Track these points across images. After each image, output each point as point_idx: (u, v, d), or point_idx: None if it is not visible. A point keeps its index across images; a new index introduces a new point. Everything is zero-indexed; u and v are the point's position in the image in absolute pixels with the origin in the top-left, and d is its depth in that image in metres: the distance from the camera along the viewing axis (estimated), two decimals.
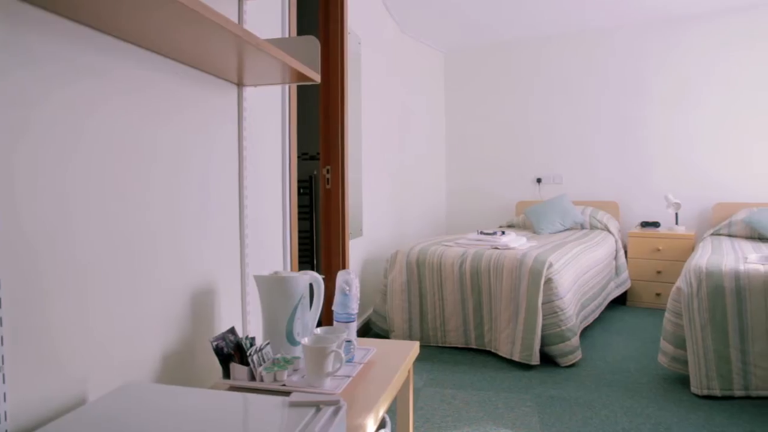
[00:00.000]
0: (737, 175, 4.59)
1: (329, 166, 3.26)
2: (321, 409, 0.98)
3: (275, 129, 2.13)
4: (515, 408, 2.52)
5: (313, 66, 1.72)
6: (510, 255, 3.19)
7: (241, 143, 1.79)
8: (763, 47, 4.45)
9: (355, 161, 3.60)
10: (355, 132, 3.58)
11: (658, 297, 4.36)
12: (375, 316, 3.66)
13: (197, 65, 1.48)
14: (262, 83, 1.81)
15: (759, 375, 2.55)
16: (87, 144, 1.12)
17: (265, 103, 2.03)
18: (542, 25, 4.94)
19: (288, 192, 2.24)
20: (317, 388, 1.29)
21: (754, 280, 2.58)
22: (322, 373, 1.30)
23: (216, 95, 1.63)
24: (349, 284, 1.54)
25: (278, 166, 2.16)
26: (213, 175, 1.61)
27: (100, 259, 1.16)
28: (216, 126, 1.64)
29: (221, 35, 1.17)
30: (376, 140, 4.12)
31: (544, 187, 5.33)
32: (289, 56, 1.52)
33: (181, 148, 1.44)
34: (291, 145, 2.27)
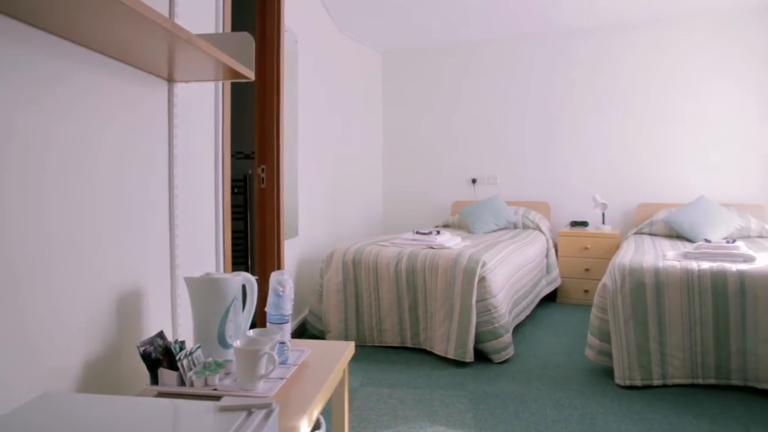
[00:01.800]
0: (658, 177, 4.84)
1: (264, 165, 3.21)
2: (252, 413, 0.97)
3: (208, 126, 2.08)
4: (450, 405, 2.56)
5: (247, 63, 1.69)
6: (445, 254, 3.24)
7: (171, 141, 1.73)
8: (674, 56, 4.71)
9: (291, 161, 3.56)
10: (291, 131, 3.54)
11: (587, 293, 4.54)
12: (311, 317, 3.63)
13: (123, 59, 1.42)
14: (194, 79, 1.76)
15: (674, 365, 2.70)
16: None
17: (197, 100, 1.98)
18: (476, 29, 5.04)
19: (221, 191, 2.19)
20: (249, 392, 1.27)
21: (671, 276, 2.73)
22: (254, 376, 1.27)
23: (144, 90, 1.58)
24: (282, 285, 1.53)
25: (211, 165, 2.11)
26: (140, 174, 1.56)
27: (15, 260, 1.09)
28: (144, 122, 1.58)
29: (149, 28, 1.13)
30: (313, 139, 4.09)
31: (478, 187, 5.45)
32: (222, 52, 1.48)
33: (105, 144, 1.38)
34: (224, 143, 2.22)
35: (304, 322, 3.78)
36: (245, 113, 3.54)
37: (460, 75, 5.50)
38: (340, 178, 4.81)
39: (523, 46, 5.24)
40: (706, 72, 4.66)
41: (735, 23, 4.54)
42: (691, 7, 4.43)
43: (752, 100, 4.53)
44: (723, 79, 4.61)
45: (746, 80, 4.54)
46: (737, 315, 2.61)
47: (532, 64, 5.23)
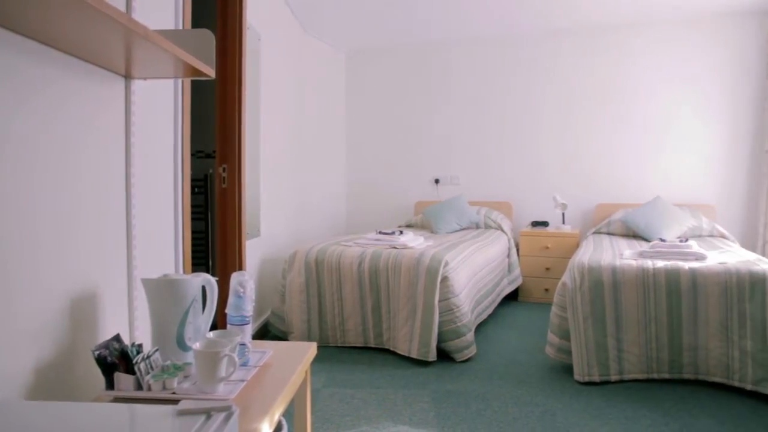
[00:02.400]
0: (616, 178, 4.97)
1: (225, 164, 3.16)
2: (212, 416, 0.95)
3: (167, 125, 2.04)
4: (413, 404, 2.57)
5: (207, 60, 1.67)
6: (408, 254, 3.26)
7: (129, 139, 1.69)
8: (631, 61, 4.85)
9: (253, 160, 3.52)
10: (253, 130, 3.50)
11: (547, 292, 4.62)
12: (273, 318, 3.60)
13: (77, 53, 1.38)
14: (152, 76, 1.72)
15: (631, 360, 2.78)
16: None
17: (156, 98, 1.93)
18: (439, 31, 5.08)
19: (180, 191, 2.15)
20: (209, 395, 1.25)
21: (627, 274, 2.80)
22: (214, 378, 1.25)
23: (100, 87, 1.53)
24: (243, 286, 1.51)
25: (170, 164, 2.07)
26: (95, 173, 1.51)
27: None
28: (100, 120, 1.54)
29: (104, 22, 1.10)
30: (276, 139, 4.06)
31: (442, 187, 5.49)
32: (181, 49, 1.45)
33: (59, 142, 1.34)
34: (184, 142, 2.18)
35: (267, 323, 3.74)
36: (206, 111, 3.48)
37: (424, 75, 5.53)
38: (303, 177, 4.78)
39: (485, 48, 5.30)
40: (661, 77, 4.80)
41: (688, 31, 4.70)
42: (648, 14, 4.56)
43: (704, 105, 4.70)
44: (677, 84, 4.76)
45: (697, 85, 4.70)
46: (689, 312, 2.70)
47: (494, 66, 5.29)
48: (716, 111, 4.67)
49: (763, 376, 2.54)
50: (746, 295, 2.61)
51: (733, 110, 4.63)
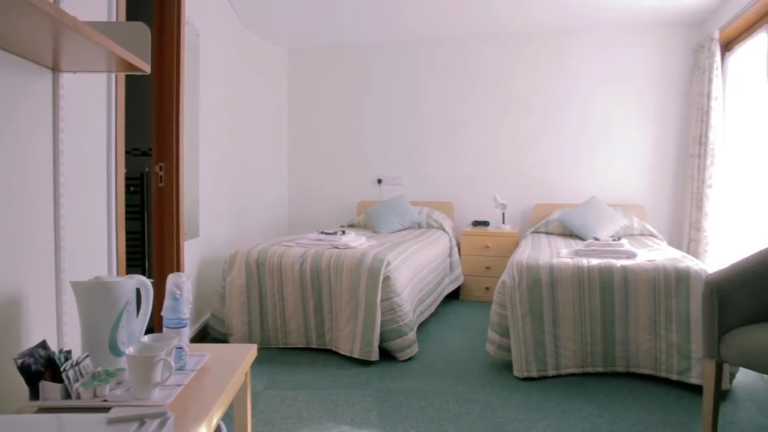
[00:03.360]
0: (554, 179, 5.12)
1: (162, 162, 3.07)
2: (145, 423, 0.92)
3: (100, 121, 1.95)
4: (355, 404, 2.56)
5: (142, 55, 1.61)
6: (350, 254, 3.25)
7: (57, 135, 1.61)
8: (567, 66, 5.02)
9: (192, 158, 3.43)
10: (191, 128, 3.41)
11: (488, 291, 4.71)
12: (213, 320, 3.51)
13: None
14: (83, 70, 1.64)
15: (567, 356, 2.87)
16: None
17: (87, 92, 1.85)
18: (382, 31, 5.10)
19: (114, 190, 2.07)
20: (143, 401, 1.20)
21: (564, 272, 2.89)
22: (149, 384, 1.21)
23: (23, 79, 1.45)
24: (179, 288, 1.46)
25: (103, 162, 1.99)
26: (18, 170, 1.43)
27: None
28: (25, 114, 1.45)
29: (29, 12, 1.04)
30: (216, 137, 3.96)
31: (384, 187, 5.51)
32: (114, 42, 1.39)
33: None
34: (118, 139, 2.10)
35: (206, 325, 3.65)
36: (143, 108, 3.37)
37: (367, 75, 5.54)
38: (244, 177, 4.69)
39: (427, 48, 5.36)
40: (596, 83, 4.99)
41: (622, 39, 4.90)
42: (585, 22, 4.72)
43: (636, 111, 4.91)
44: (611, 90, 4.95)
45: (630, 92, 4.91)
46: (621, 307, 2.82)
47: (437, 67, 5.35)
48: (647, 116, 4.89)
49: (687, 366, 2.68)
50: (672, 291, 2.74)
51: (662, 116, 4.86)
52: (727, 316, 2.06)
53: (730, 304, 2.07)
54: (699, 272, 2.72)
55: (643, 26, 4.82)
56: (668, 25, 4.78)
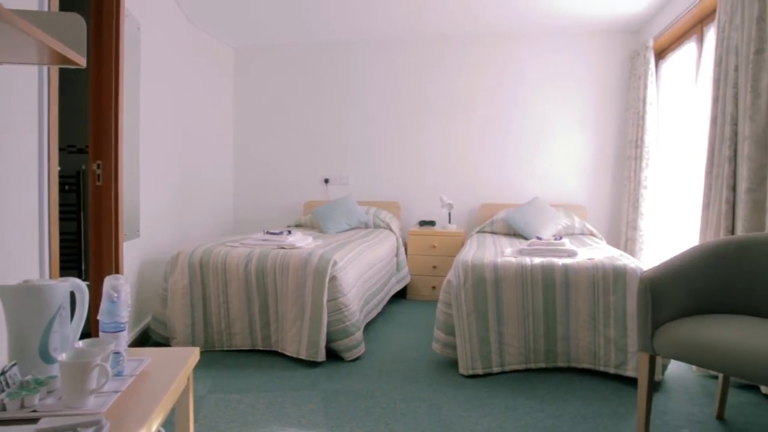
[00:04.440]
0: (499, 179, 5.23)
1: (100, 160, 2.95)
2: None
3: (31, 115, 1.86)
4: (302, 405, 2.54)
5: (77, 47, 1.54)
6: (296, 254, 3.22)
7: None
8: (511, 70, 5.13)
9: (132, 156, 3.31)
10: (131, 124, 3.29)
11: (434, 290, 4.76)
12: (154, 323, 3.40)
13: None
14: (9, 61, 1.56)
15: (511, 353, 2.93)
16: None
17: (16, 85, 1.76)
18: (329, 30, 5.07)
19: (47, 188, 1.98)
20: (77, 410, 1.15)
21: (508, 271, 2.95)
22: (83, 391, 1.16)
23: None
24: (117, 290, 1.41)
25: (34, 159, 1.89)
26: None
27: None
28: None
29: None
30: (158, 134, 3.84)
31: (331, 187, 5.49)
32: (46, 33, 1.33)
33: None
34: (51, 135, 2.00)
35: (147, 329, 3.53)
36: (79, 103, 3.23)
37: (314, 75, 5.50)
38: (188, 176, 4.57)
39: (374, 49, 5.37)
40: (539, 86, 5.12)
41: (563, 44, 5.05)
42: (528, 26, 4.83)
43: (577, 114, 5.07)
44: (553, 93, 5.10)
45: (571, 95, 5.07)
46: (563, 304, 2.90)
47: (383, 68, 5.37)
48: (587, 120, 5.06)
49: (624, 360, 2.79)
50: (610, 288, 2.84)
51: (601, 120, 5.04)
52: (659, 311, 2.15)
53: (663, 300, 2.16)
54: (635, 270, 2.83)
55: (584, 33, 4.98)
56: (607, 33, 4.96)
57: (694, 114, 3.74)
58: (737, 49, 2.86)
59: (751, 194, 2.69)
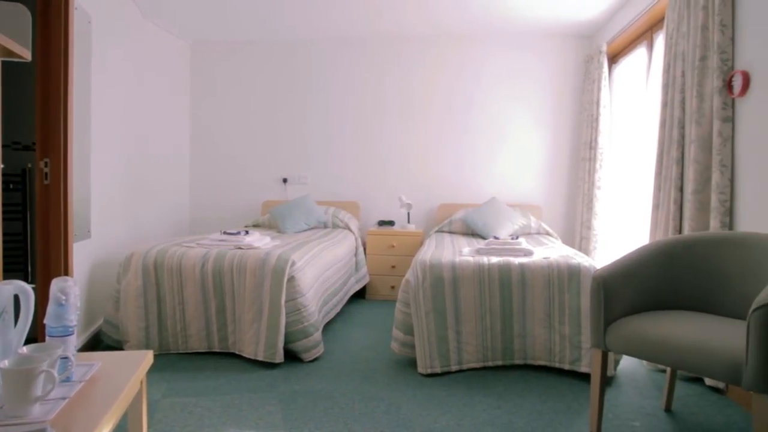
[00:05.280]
0: (458, 180, 5.28)
1: (48, 158, 2.84)
2: None
3: None
4: (260, 408, 2.51)
5: (21, 40, 1.48)
6: (253, 254, 3.17)
7: None
8: (473, 72, 5.19)
9: (83, 154, 3.21)
10: (82, 121, 3.19)
11: (393, 289, 4.77)
12: (106, 327, 3.31)
13: None
14: None
15: (469, 351, 2.96)
16: None
17: None
18: (292, 27, 5.02)
19: None
20: (20, 419, 1.10)
21: (466, 270, 2.99)
22: (27, 399, 1.11)
23: None
24: (65, 293, 1.36)
25: None
26: None
27: None
28: None
29: None
30: (110, 131, 3.73)
31: (289, 187, 5.44)
32: None
33: None
34: None
35: (99, 332, 3.43)
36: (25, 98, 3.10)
37: (273, 72, 5.44)
38: (142, 175, 4.45)
39: (334, 47, 5.35)
40: (497, 88, 5.19)
41: (521, 47, 5.13)
42: (487, 28, 4.89)
43: (533, 116, 5.16)
44: (511, 95, 5.18)
45: (528, 98, 5.16)
46: (519, 303, 2.95)
47: (342, 67, 5.36)
48: (544, 121, 5.16)
49: (578, 356, 2.85)
50: (565, 286, 2.91)
51: (557, 121, 5.15)
52: (611, 308, 2.21)
53: (615, 298, 2.22)
54: (588, 268, 2.91)
55: (541, 36, 5.08)
56: (563, 37, 5.07)
57: (645, 117, 3.86)
58: (684, 56, 2.97)
59: (697, 195, 2.79)
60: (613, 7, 4.26)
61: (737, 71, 2.60)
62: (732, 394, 2.65)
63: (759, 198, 2.47)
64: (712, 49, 2.74)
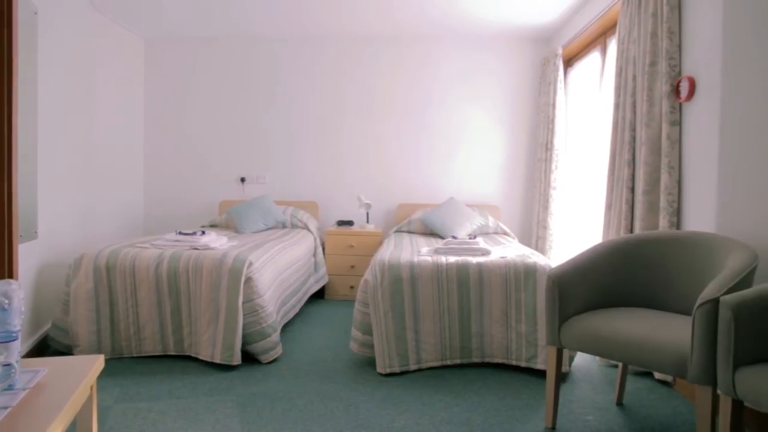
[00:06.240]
0: (416, 180, 5.31)
1: None
2: None
3: None
4: (216, 411, 2.46)
5: None
6: (210, 255, 3.12)
7: None
8: (432, 73, 5.23)
9: (28, 151, 3.09)
10: (27, 117, 3.07)
11: (352, 289, 4.76)
12: (54, 331, 3.19)
13: None
14: None
15: (427, 350, 2.98)
16: None
17: None
18: (250, 24, 4.94)
19: None
20: None
21: (424, 270, 3.00)
22: None
23: None
24: (8, 297, 1.30)
25: None
26: None
27: None
28: None
29: None
30: (59, 127, 3.60)
31: (247, 186, 5.37)
32: None
33: None
34: None
35: (46, 337, 3.31)
36: None
37: (230, 70, 5.35)
38: (94, 173, 4.31)
39: (291, 46, 5.30)
40: (456, 89, 5.24)
41: (480, 49, 5.19)
42: (446, 30, 4.93)
43: (492, 117, 5.23)
44: (469, 96, 5.24)
45: (487, 99, 5.22)
46: (477, 302, 2.98)
47: (300, 66, 5.31)
48: (502, 123, 5.23)
49: (534, 353, 2.91)
50: (522, 285, 2.96)
51: (514, 123, 5.23)
52: (566, 306, 2.26)
53: (569, 296, 2.27)
54: (544, 267, 2.96)
55: (499, 39, 5.15)
56: (521, 40, 5.15)
57: (599, 119, 3.96)
58: (635, 61, 3.06)
59: (647, 195, 2.88)
60: (569, 13, 4.36)
61: (684, 77, 2.70)
62: (679, 386, 2.75)
63: (703, 198, 2.57)
64: (661, 55, 2.83)
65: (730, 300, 1.66)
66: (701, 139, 2.60)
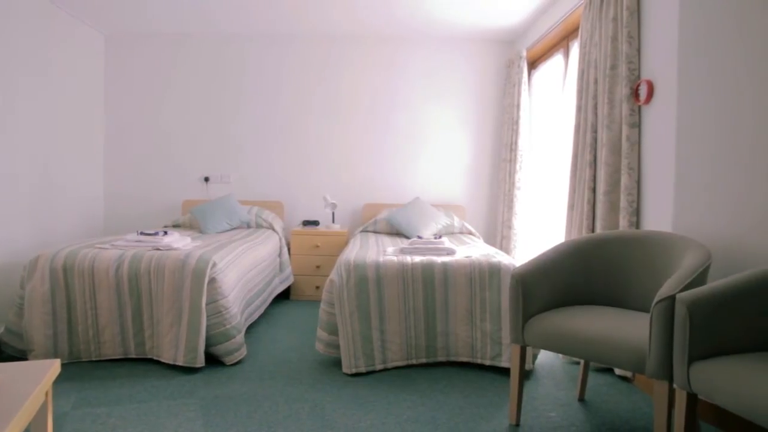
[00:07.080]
0: (382, 180, 5.31)
1: None
2: None
3: None
4: (179, 415, 2.42)
5: None
6: (173, 256, 3.06)
7: None
8: (398, 74, 5.24)
9: None
10: None
11: (318, 290, 4.74)
12: (8, 336, 3.08)
13: None
14: None
15: (393, 349, 2.99)
16: None
17: None
18: (212, 23, 4.87)
19: None
20: None
21: (389, 269, 3.01)
22: None
23: None
24: None
25: None
26: None
27: None
28: None
29: None
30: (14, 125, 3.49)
31: (211, 186, 5.29)
32: None
33: None
34: None
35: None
36: None
37: (194, 69, 5.27)
38: (50, 172, 4.19)
39: (256, 45, 5.24)
40: (422, 90, 5.26)
41: (446, 51, 5.23)
42: (414, 31, 4.95)
43: (458, 118, 5.27)
44: (435, 97, 5.27)
45: (453, 100, 5.26)
46: (442, 301, 3.00)
47: (265, 64, 5.26)
48: (467, 123, 5.28)
49: (499, 351, 2.94)
50: (486, 284, 2.99)
51: (480, 123, 5.28)
52: (529, 304, 2.29)
53: (532, 294, 2.31)
54: (508, 266, 3.00)
55: (465, 40, 5.20)
56: (486, 41, 5.21)
57: (562, 121, 4.03)
58: (596, 64, 3.13)
59: (608, 196, 2.95)
60: (533, 15, 4.42)
61: (643, 80, 2.77)
62: (638, 382, 2.82)
63: (661, 198, 2.64)
64: (621, 59, 2.90)
65: (686, 297, 1.71)
66: (659, 140, 2.67)
